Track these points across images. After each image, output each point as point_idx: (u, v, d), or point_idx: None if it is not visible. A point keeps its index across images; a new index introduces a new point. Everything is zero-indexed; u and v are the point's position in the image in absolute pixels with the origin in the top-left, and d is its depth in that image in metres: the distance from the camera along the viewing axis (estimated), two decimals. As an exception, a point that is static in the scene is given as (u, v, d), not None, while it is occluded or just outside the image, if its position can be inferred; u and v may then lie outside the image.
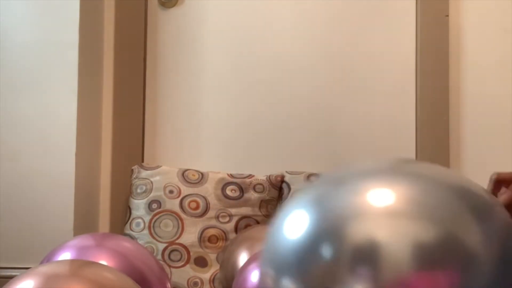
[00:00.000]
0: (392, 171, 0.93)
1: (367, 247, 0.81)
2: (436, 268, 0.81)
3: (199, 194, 2.29)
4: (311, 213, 0.89)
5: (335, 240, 0.83)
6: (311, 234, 0.86)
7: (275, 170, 2.41)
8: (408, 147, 2.44)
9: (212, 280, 2.22)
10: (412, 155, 2.46)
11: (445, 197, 0.87)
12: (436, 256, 0.82)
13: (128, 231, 2.26)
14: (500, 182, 1.08)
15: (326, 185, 0.95)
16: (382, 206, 0.85)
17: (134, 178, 2.32)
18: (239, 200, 2.31)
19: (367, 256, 0.81)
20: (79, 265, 1.17)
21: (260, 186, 2.35)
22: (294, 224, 0.90)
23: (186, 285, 2.21)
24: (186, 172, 2.33)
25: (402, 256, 0.80)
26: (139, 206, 2.27)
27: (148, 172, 2.32)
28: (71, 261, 1.29)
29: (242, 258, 1.85)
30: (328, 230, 0.85)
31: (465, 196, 0.89)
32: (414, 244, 0.81)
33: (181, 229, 2.24)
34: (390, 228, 0.83)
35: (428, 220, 0.84)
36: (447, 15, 2.46)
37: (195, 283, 2.22)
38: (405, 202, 0.85)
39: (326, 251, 0.83)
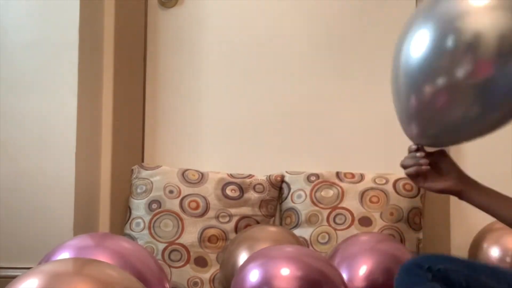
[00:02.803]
0: None
1: (474, 37, 1.21)
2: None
3: (199, 194, 2.29)
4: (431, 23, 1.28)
5: (455, 32, 1.23)
6: (437, 32, 1.26)
7: (275, 170, 2.41)
8: (408, 145, 2.43)
9: (212, 280, 2.23)
10: (412, 154, 2.46)
11: None
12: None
13: (128, 231, 2.26)
14: None
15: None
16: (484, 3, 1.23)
17: (134, 178, 2.32)
18: (239, 200, 2.31)
19: (473, 43, 1.20)
20: (82, 263, 1.17)
21: (260, 186, 2.35)
22: (422, 34, 1.29)
23: (186, 285, 2.21)
24: (186, 172, 2.33)
25: (493, 44, 1.19)
26: (139, 206, 2.27)
27: (148, 172, 2.32)
28: (75, 260, 1.29)
29: (242, 258, 1.85)
30: (448, 26, 1.25)
31: None
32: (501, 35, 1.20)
33: (181, 229, 2.24)
34: (490, 19, 1.21)
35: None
36: (447, 15, 2.46)
37: (195, 283, 2.22)
38: None
39: (450, 42, 1.23)
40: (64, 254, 1.40)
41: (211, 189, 2.30)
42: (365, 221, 2.28)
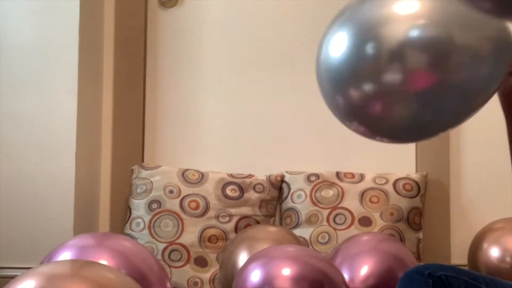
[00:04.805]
0: None
1: (397, 46, 1.05)
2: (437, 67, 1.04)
3: (199, 194, 2.29)
4: (350, 27, 1.15)
5: (375, 41, 1.08)
6: (356, 40, 1.11)
7: (275, 170, 2.41)
8: (408, 145, 2.44)
9: (212, 280, 2.23)
10: (413, 151, 2.47)
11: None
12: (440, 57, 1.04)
13: (128, 231, 2.26)
14: None
15: (355, 5, 1.18)
16: (407, 14, 1.07)
17: (134, 178, 2.32)
18: (239, 200, 2.31)
19: (397, 53, 1.05)
20: (80, 265, 1.17)
21: (260, 186, 2.35)
22: (340, 38, 1.15)
23: (186, 285, 2.21)
24: (186, 172, 2.33)
25: (420, 54, 1.04)
26: (139, 206, 2.27)
27: (148, 172, 2.32)
28: (72, 261, 1.29)
29: (242, 258, 1.86)
30: (368, 35, 1.09)
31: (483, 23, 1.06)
32: (429, 45, 1.04)
33: (181, 229, 2.24)
34: (412, 30, 1.05)
35: (443, 26, 1.04)
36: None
37: (195, 283, 2.22)
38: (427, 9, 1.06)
39: (370, 50, 1.08)
40: (66, 253, 1.40)
41: (211, 189, 2.30)
42: (365, 221, 2.28)
